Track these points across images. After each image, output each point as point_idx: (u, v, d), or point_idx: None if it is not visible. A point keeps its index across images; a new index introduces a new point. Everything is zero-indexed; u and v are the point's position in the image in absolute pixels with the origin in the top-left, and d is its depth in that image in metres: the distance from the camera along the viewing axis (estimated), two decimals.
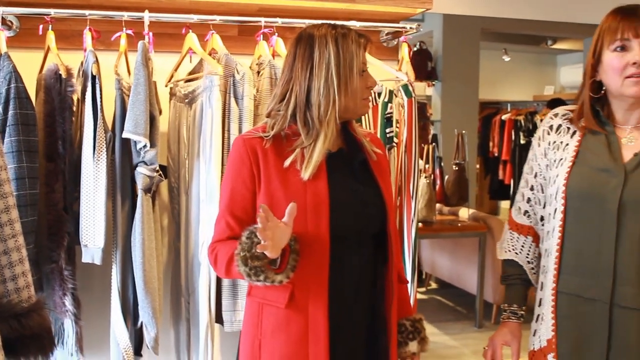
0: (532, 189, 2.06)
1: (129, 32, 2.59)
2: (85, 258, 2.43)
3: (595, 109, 1.93)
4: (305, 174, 1.81)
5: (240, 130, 2.51)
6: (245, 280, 1.75)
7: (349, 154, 1.94)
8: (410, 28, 2.91)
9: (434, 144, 5.81)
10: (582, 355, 1.88)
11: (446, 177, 5.58)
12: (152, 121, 2.43)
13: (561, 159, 1.95)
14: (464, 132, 5.52)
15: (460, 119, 6.72)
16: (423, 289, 6.81)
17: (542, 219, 2.04)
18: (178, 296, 2.75)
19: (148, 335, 2.50)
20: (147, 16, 2.57)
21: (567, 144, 1.95)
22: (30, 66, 2.61)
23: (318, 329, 1.82)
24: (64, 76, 2.44)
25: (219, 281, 2.63)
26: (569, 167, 1.90)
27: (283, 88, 1.87)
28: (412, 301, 2.75)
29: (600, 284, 1.83)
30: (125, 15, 2.57)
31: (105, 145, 2.41)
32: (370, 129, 2.78)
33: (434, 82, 7.44)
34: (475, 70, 7.29)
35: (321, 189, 1.83)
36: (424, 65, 7.37)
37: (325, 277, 1.81)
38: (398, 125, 2.83)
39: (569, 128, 1.97)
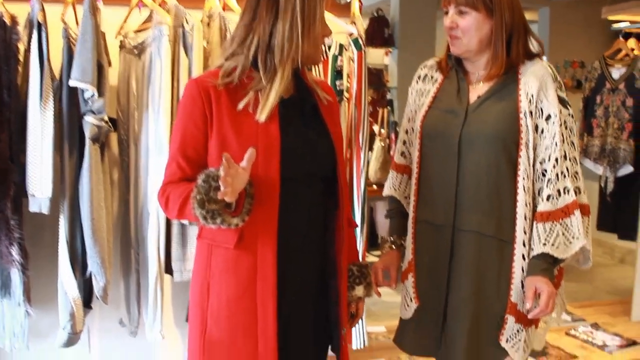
0: (406, 132, 2.31)
1: None
2: (33, 207, 2.42)
3: (457, 59, 2.16)
4: (262, 116, 1.83)
5: None
6: (200, 223, 1.76)
7: (300, 100, 1.97)
8: None
9: (389, 107, 5.83)
10: (432, 275, 2.15)
11: None
12: (100, 70, 2.41)
13: (422, 104, 2.20)
14: None
15: None
16: (378, 253, 6.89)
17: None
18: (127, 248, 2.76)
19: (97, 285, 2.51)
20: None
21: (429, 91, 2.22)
22: None
23: (266, 268, 1.84)
24: (8, 24, 2.41)
25: (167, 230, 2.64)
26: (426, 110, 2.17)
27: (244, 30, 1.87)
28: (361, 249, 2.80)
29: (446, 211, 2.10)
30: None
31: (52, 94, 2.39)
32: None
33: (391, 49, 7.46)
34: (431, 39, 7.31)
35: (272, 132, 1.85)
36: (381, 32, 7.37)
37: (275, 218, 1.84)
38: (349, 79, 2.85)
39: (432, 77, 2.24)
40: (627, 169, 4.56)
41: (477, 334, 2.07)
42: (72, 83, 2.36)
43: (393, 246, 2.32)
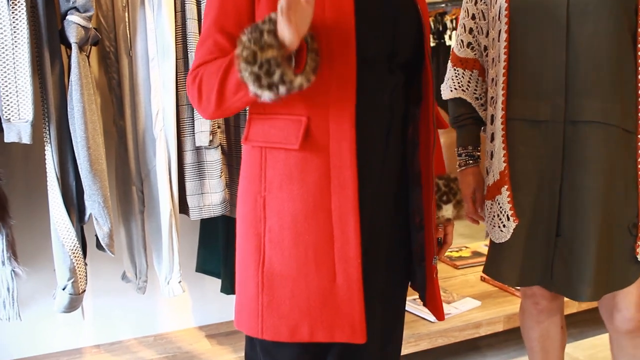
0: (473, 17, 1.93)
1: None
2: (9, 137, 1.86)
3: None
4: None
5: None
6: (250, 94, 1.28)
7: None
8: None
9: None
10: (536, 183, 1.76)
11: None
12: None
13: None
14: None
15: None
16: None
17: (485, 48, 1.93)
18: (126, 185, 2.23)
19: (101, 231, 1.99)
20: None
21: None
22: None
23: (344, 174, 1.39)
24: None
25: (180, 159, 2.14)
26: None
27: None
28: None
29: (554, 101, 1.71)
30: None
31: None
32: None
33: None
34: None
35: None
36: None
37: (352, 104, 1.38)
38: None
39: None
40: None
41: (608, 248, 1.70)
42: None
43: (470, 161, 1.94)
